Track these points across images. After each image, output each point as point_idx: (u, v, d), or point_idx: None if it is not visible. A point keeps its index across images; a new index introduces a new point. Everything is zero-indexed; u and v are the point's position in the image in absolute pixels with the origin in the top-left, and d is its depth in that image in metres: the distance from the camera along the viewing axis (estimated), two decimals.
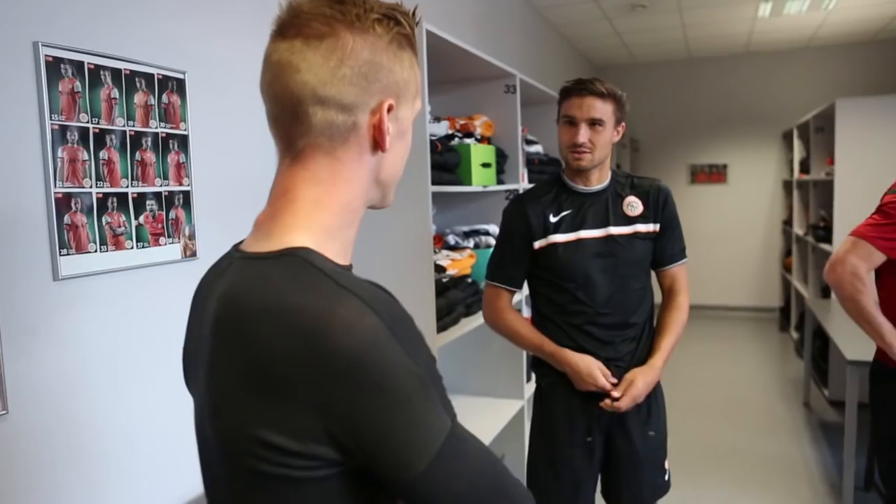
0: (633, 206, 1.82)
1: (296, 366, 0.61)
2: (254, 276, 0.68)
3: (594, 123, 1.73)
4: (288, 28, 0.71)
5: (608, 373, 1.75)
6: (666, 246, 1.86)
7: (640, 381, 1.75)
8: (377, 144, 0.73)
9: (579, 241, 1.78)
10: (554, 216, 1.80)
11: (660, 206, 1.83)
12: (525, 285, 1.93)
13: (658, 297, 1.84)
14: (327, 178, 0.72)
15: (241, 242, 0.79)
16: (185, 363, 0.83)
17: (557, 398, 1.84)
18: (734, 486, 3.23)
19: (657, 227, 1.83)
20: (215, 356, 0.69)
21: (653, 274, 1.90)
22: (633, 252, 1.80)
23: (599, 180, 1.83)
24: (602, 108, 1.73)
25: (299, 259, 0.67)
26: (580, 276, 1.77)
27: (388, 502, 0.71)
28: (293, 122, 0.71)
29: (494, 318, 1.90)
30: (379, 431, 0.62)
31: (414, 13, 0.76)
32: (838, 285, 1.94)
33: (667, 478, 1.92)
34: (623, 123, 1.81)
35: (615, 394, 1.73)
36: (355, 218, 0.76)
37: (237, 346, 0.65)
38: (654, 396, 1.87)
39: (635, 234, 1.80)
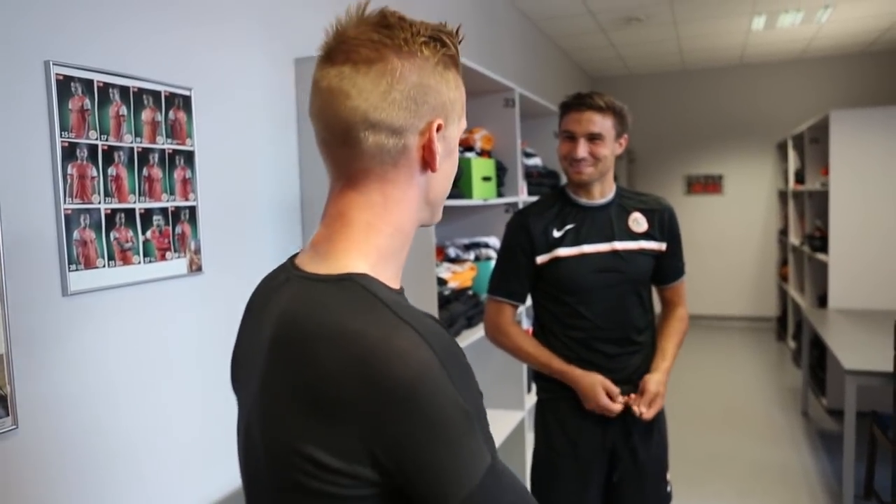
0: (639, 222, 1.83)
1: (349, 390, 0.63)
2: (313, 300, 0.70)
3: (593, 138, 1.74)
4: (336, 54, 0.72)
5: (615, 391, 1.74)
6: (671, 263, 1.89)
7: (662, 389, 1.77)
8: (427, 164, 0.75)
9: (582, 255, 1.79)
10: (557, 231, 1.81)
11: (666, 224, 1.85)
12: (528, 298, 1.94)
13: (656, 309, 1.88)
14: (380, 201, 0.74)
15: (295, 256, 0.81)
16: (233, 366, 0.86)
17: (560, 411, 1.84)
18: (733, 496, 3.24)
19: (664, 245, 1.85)
20: (270, 372, 0.71)
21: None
22: (637, 267, 1.81)
23: (602, 194, 1.84)
24: (601, 123, 1.74)
25: (358, 286, 0.69)
26: (582, 290, 1.78)
27: None
28: (344, 147, 0.73)
29: (497, 334, 1.89)
30: (422, 461, 0.63)
31: (458, 31, 0.77)
32: None
33: (669, 489, 1.93)
34: (625, 136, 1.82)
35: (642, 408, 1.73)
36: (408, 240, 0.78)
37: (294, 366, 0.67)
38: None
39: (641, 251, 1.81)
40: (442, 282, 2.33)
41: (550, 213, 1.84)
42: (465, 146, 2.61)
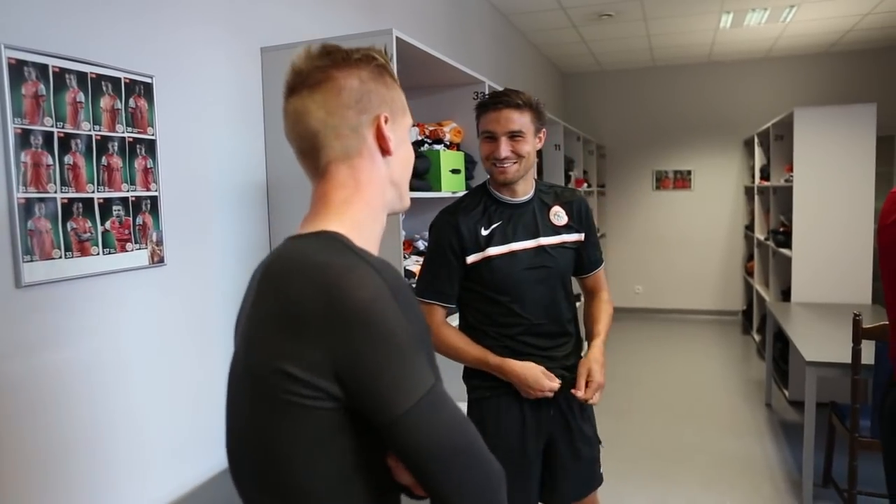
0: (559, 215, 1.86)
1: (316, 311, 0.76)
2: (293, 247, 0.86)
3: (514, 136, 1.75)
4: (295, 85, 0.91)
5: (552, 376, 1.78)
6: (590, 253, 1.93)
7: (596, 368, 1.78)
8: (383, 149, 0.93)
9: (513, 253, 1.79)
10: (485, 229, 1.79)
11: (582, 215, 1.90)
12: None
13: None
14: (351, 183, 0.92)
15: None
16: (236, 322, 0.99)
17: (499, 408, 1.83)
18: (699, 486, 3.29)
19: (582, 236, 1.89)
20: (255, 305, 0.85)
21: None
22: (562, 261, 1.84)
23: (525, 191, 1.85)
24: (520, 120, 1.74)
25: (329, 236, 0.86)
26: (515, 288, 1.78)
27: (375, 445, 0.83)
28: (316, 150, 0.91)
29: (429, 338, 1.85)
30: (372, 372, 0.76)
31: (385, 50, 0.97)
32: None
33: (601, 471, 1.98)
34: (544, 130, 1.83)
35: (579, 394, 1.75)
36: (378, 215, 0.95)
37: (273, 295, 0.82)
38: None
39: (563, 244, 1.85)
40: (410, 274, 2.32)
41: (476, 211, 1.82)
42: (434, 139, 2.60)
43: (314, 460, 0.80)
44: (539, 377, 1.76)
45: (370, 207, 0.93)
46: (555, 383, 1.77)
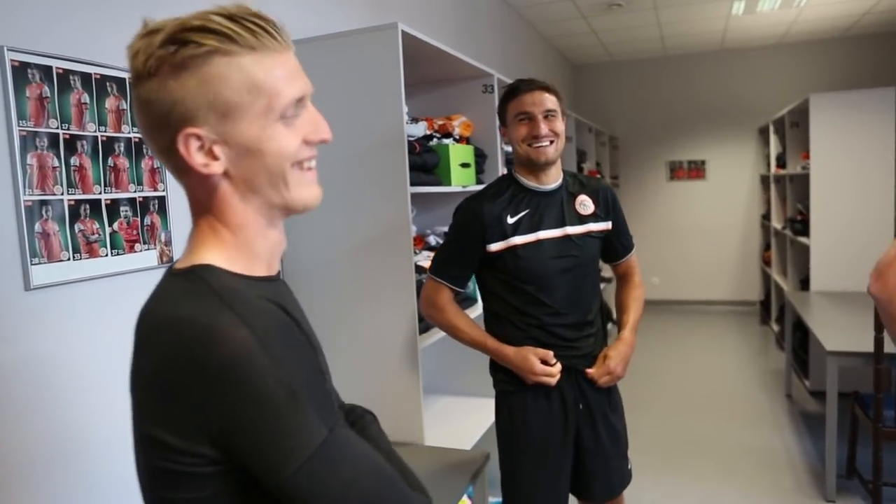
0: (586, 204, 1.85)
1: (182, 372, 0.68)
2: (160, 293, 0.76)
3: (548, 114, 1.78)
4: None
5: (549, 354, 1.75)
6: (621, 240, 1.94)
7: (612, 355, 1.81)
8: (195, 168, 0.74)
9: (539, 241, 1.78)
10: (511, 217, 1.78)
11: (609, 204, 1.90)
12: (471, 285, 1.93)
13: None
14: (204, 201, 0.78)
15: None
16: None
17: (524, 401, 1.82)
18: (718, 478, 3.25)
19: (609, 224, 1.89)
20: (132, 365, 0.76)
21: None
22: (588, 251, 1.83)
23: (555, 178, 1.84)
24: (553, 100, 1.79)
25: (197, 277, 0.74)
26: (541, 277, 1.77)
27: (270, 502, 0.72)
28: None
29: (433, 313, 1.87)
30: (249, 436, 0.68)
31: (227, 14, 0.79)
32: (888, 301, 1.43)
33: (629, 467, 1.96)
34: (564, 117, 1.88)
35: (589, 371, 1.79)
36: (258, 229, 0.79)
37: (142, 356, 0.73)
38: (613, 387, 1.91)
39: (589, 233, 1.84)
40: (422, 270, 2.30)
41: (503, 198, 1.81)
42: (443, 133, 2.57)
43: None
44: (532, 361, 1.74)
45: (242, 228, 0.78)
46: (554, 370, 1.75)
